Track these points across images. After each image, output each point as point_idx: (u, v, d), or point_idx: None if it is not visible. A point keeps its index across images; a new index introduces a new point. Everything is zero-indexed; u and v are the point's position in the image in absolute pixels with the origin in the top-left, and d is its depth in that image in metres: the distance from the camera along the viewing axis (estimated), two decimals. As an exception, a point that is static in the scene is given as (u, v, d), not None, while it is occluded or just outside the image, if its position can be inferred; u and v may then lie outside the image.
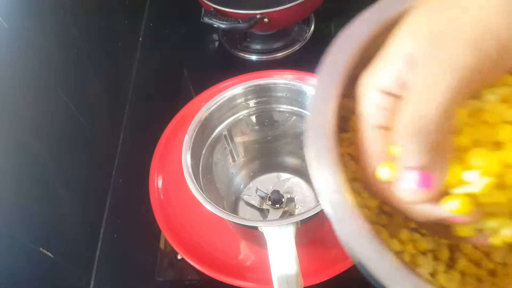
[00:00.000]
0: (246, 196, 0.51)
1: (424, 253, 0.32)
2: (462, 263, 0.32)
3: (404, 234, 0.31)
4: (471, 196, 0.20)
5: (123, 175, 0.60)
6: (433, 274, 0.30)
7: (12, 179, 0.40)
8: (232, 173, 0.51)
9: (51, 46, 0.48)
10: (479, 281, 0.32)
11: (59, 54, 0.49)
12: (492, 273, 0.32)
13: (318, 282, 0.43)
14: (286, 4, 0.59)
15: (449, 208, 0.20)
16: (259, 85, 0.44)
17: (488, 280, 0.32)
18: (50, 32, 0.48)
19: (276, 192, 0.49)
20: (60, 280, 0.47)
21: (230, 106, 0.44)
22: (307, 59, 0.67)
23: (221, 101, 0.43)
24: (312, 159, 0.24)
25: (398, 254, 0.30)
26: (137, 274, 0.53)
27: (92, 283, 0.52)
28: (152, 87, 0.70)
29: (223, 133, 0.45)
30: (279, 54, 0.69)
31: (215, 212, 0.36)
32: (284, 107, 0.46)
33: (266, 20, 0.60)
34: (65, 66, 0.51)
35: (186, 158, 0.39)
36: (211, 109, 0.42)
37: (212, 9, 0.60)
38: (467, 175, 0.19)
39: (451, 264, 0.32)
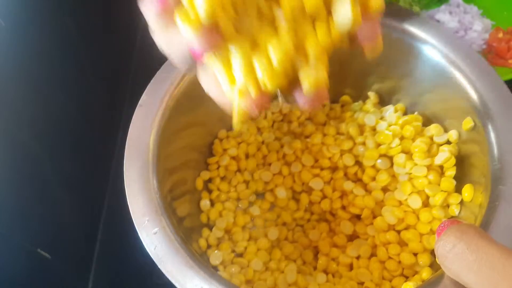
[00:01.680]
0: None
1: (294, 260, 0.35)
2: (322, 261, 0.35)
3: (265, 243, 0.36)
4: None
5: (122, 175, 0.60)
6: (296, 282, 0.33)
7: (9, 180, 0.40)
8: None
9: (50, 45, 0.48)
10: (339, 278, 0.34)
11: (57, 53, 0.50)
12: (350, 267, 0.35)
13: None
14: None
15: (180, 22, 0.19)
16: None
17: (347, 275, 0.34)
18: (49, 31, 0.48)
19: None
20: (58, 282, 0.47)
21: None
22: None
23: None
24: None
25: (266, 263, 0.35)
26: (136, 276, 0.51)
27: (90, 284, 0.51)
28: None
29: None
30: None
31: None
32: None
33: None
34: (63, 65, 0.51)
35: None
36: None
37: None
38: None
39: (316, 266, 0.35)
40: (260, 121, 0.42)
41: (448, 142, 0.36)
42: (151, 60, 0.73)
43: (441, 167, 0.35)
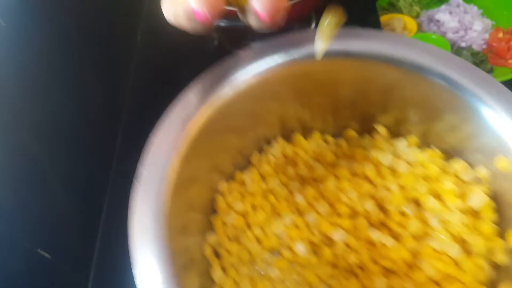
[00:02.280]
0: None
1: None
2: None
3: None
4: None
5: (122, 175, 0.60)
6: None
7: (9, 179, 0.40)
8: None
9: (50, 45, 0.48)
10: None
11: (57, 53, 0.49)
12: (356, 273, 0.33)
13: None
14: (286, 2, 0.59)
15: None
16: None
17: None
18: (49, 31, 0.48)
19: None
20: (58, 282, 0.47)
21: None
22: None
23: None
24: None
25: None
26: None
27: (90, 284, 0.51)
28: (151, 87, 0.69)
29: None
30: (280, 53, 0.68)
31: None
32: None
33: (266, 18, 0.59)
34: (63, 65, 0.50)
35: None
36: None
37: (211, 8, 0.60)
38: None
39: None
40: (262, 165, 0.38)
41: (476, 179, 0.33)
42: (151, 60, 0.74)
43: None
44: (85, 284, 0.51)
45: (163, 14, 0.26)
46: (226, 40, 0.71)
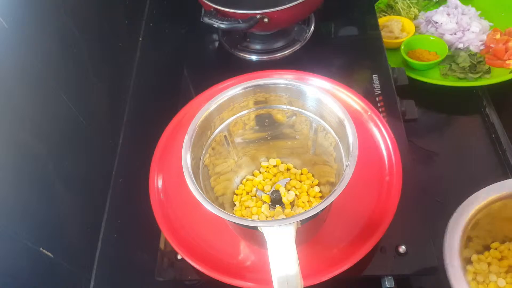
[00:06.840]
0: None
1: None
2: None
3: None
4: None
5: (123, 175, 0.61)
6: None
7: (12, 179, 0.40)
8: (231, 173, 0.51)
9: (52, 46, 0.48)
10: None
11: (59, 54, 0.50)
12: None
13: (318, 282, 0.43)
14: (286, 4, 0.59)
15: None
16: (259, 85, 0.44)
17: None
18: (51, 32, 0.48)
19: (275, 192, 0.49)
20: (60, 280, 0.47)
21: (230, 106, 0.44)
22: (307, 59, 0.68)
23: (221, 101, 0.43)
24: None
25: None
26: (137, 274, 0.53)
27: (92, 283, 0.52)
28: (152, 87, 0.70)
29: (223, 133, 0.45)
30: (279, 54, 0.69)
31: (215, 212, 0.36)
32: (284, 107, 0.46)
33: (266, 20, 0.60)
34: (65, 66, 0.51)
35: (186, 158, 0.39)
36: (211, 109, 0.42)
37: (212, 9, 0.61)
38: None
39: None
40: None
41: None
42: (152, 60, 0.74)
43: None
44: (87, 282, 0.51)
45: (164, 15, 0.26)
46: (226, 41, 0.71)
